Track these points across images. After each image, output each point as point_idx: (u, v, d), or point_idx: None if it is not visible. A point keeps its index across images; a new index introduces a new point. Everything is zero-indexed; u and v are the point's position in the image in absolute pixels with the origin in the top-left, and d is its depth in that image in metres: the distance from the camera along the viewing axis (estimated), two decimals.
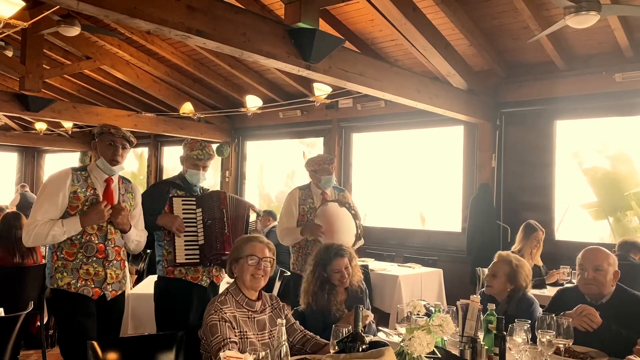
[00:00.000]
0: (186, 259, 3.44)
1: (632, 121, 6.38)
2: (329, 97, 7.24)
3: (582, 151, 8.10)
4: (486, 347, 2.50)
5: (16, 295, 4.47)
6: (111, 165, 3.14)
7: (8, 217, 4.91)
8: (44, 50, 7.43)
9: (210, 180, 8.58)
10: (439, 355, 2.23)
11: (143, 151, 12.80)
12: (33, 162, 15.03)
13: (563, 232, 6.76)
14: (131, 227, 3.22)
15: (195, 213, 3.50)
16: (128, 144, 3.21)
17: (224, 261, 3.10)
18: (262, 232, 7.60)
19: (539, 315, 2.78)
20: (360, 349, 2.08)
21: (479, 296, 2.70)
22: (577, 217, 7.78)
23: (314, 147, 10.02)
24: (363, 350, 2.08)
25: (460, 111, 6.15)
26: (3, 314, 3.37)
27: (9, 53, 7.02)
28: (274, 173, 12.10)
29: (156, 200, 3.51)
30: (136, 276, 6.39)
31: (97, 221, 3.06)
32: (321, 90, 6.86)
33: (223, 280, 3.64)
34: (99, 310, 3.10)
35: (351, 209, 4.19)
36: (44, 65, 7.73)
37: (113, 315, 3.21)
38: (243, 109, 8.08)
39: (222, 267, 3.52)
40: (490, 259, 3.44)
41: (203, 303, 3.00)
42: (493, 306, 2.62)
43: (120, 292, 3.22)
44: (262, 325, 2.62)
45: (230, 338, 2.40)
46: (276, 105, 8.49)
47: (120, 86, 9.77)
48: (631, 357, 2.42)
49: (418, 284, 5.79)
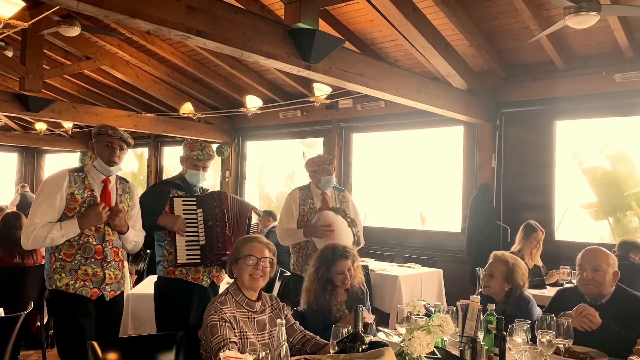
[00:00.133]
0: (187, 259, 3.43)
1: (632, 121, 6.39)
2: (329, 98, 7.24)
3: (582, 151, 8.10)
4: (486, 347, 2.50)
5: (16, 295, 4.47)
6: (108, 166, 3.12)
7: (8, 217, 4.91)
8: (44, 50, 7.43)
9: (210, 180, 8.58)
10: (439, 355, 2.23)
11: (143, 151, 12.80)
12: (33, 163, 15.03)
13: (563, 232, 6.76)
14: (129, 228, 3.20)
15: (196, 213, 3.50)
16: (125, 145, 3.19)
17: (225, 262, 3.09)
18: (262, 233, 7.60)
19: (539, 315, 2.78)
20: (360, 349, 2.08)
21: (479, 296, 2.70)
22: (577, 217, 7.79)
23: (314, 148, 10.02)
24: (363, 350, 2.08)
25: (460, 111, 6.15)
26: (3, 314, 3.37)
27: (9, 53, 7.03)
28: (274, 173, 12.11)
29: (157, 200, 3.50)
30: (136, 276, 6.39)
31: (95, 223, 3.04)
32: (321, 90, 6.86)
33: (223, 280, 3.64)
34: (98, 310, 3.09)
35: (347, 217, 4.16)
36: (44, 65, 7.73)
37: (112, 315, 3.21)
38: (243, 109, 8.09)
39: (223, 268, 3.51)
40: None
41: (203, 303, 3.00)
42: (493, 306, 2.63)
43: (119, 293, 3.21)
44: (262, 325, 2.61)
45: (230, 338, 2.40)
46: (276, 105, 8.49)
47: (120, 86, 9.77)
48: (633, 358, 2.42)
49: (418, 284, 5.79)
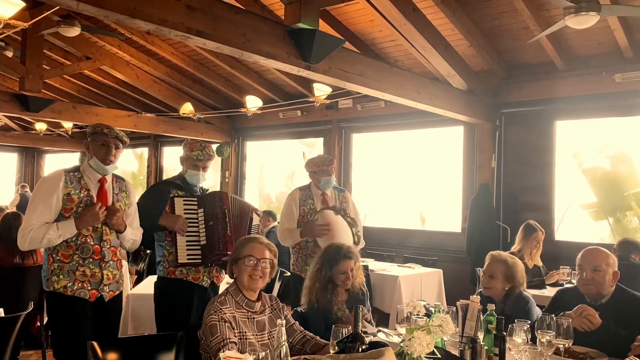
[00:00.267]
0: (188, 259, 3.43)
1: (632, 121, 6.39)
2: (329, 98, 7.24)
3: (582, 151, 8.10)
4: (486, 348, 2.50)
5: (16, 295, 4.47)
6: (105, 165, 3.10)
7: (8, 217, 4.91)
8: (44, 50, 7.43)
9: (210, 180, 8.57)
10: (439, 355, 2.23)
11: (143, 151, 12.80)
12: (33, 163, 15.03)
13: (563, 233, 6.76)
14: (126, 227, 3.18)
15: (196, 213, 3.50)
16: (121, 144, 3.16)
17: (225, 262, 3.09)
18: (262, 233, 7.60)
19: (539, 315, 2.78)
20: (360, 349, 2.08)
21: (479, 296, 2.70)
22: (577, 218, 7.79)
23: (314, 148, 10.03)
24: (363, 350, 2.08)
25: (460, 111, 6.15)
26: (3, 314, 3.37)
27: (9, 53, 7.03)
28: (274, 173, 12.11)
29: (157, 200, 3.50)
30: (136, 276, 6.38)
31: (92, 223, 3.02)
32: (321, 90, 6.86)
33: (223, 280, 3.63)
34: (97, 311, 3.07)
35: (347, 216, 4.16)
36: (44, 65, 7.73)
37: (111, 316, 3.19)
38: (243, 110, 8.08)
39: (223, 268, 3.51)
40: None
41: (204, 303, 3.00)
42: (493, 306, 2.63)
43: (118, 293, 3.20)
44: (262, 326, 2.61)
45: (229, 338, 2.40)
46: (276, 105, 8.49)
47: (120, 86, 9.77)
48: (631, 358, 2.42)
49: (418, 284, 5.79)
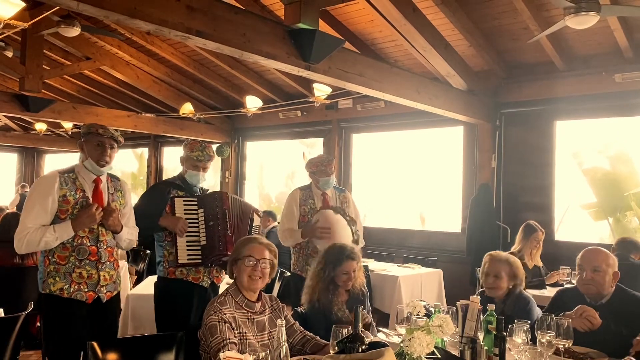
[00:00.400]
0: (188, 260, 3.43)
1: (632, 121, 6.39)
2: (329, 98, 7.24)
3: (582, 151, 8.10)
4: (486, 348, 2.50)
5: (16, 295, 4.46)
6: (100, 166, 3.07)
7: (8, 217, 4.91)
8: (44, 50, 7.43)
9: (210, 180, 8.57)
10: (439, 355, 2.23)
11: (143, 152, 12.81)
12: (33, 163, 15.03)
13: (563, 233, 6.76)
14: (122, 227, 3.16)
15: (197, 213, 3.50)
16: (116, 144, 3.13)
17: (226, 262, 3.09)
18: (262, 233, 7.60)
19: (539, 315, 2.78)
20: (360, 350, 2.08)
21: (479, 297, 2.70)
22: (577, 218, 7.79)
23: (314, 148, 10.03)
24: (363, 350, 2.08)
25: (460, 112, 6.15)
26: (3, 315, 3.36)
27: (9, 54, 7.03)
28: (274, 173, 12.11)
29: (157, 200, 3.50)
30: (136, 277, 6.39)
31: (89, 225, 3.00)
32: (321, 90, 6.86)
33: (223, 280, 3.63)
34: (94, 312, 3.04)
35: (346, 215, 4.16)
36: (44, 65, 7.73)
37: (109, 316, 3.16)
38: (243, 110, 8.08)
39: (223, 269, 3.51)
40: None
41: (204, 303, 2.99)
42: (493, 307, 2.63)
43: (115, 293, 3.18)
44: (262, 326, 2.61)
45: (229, 339, 2.39)
46: (276, 105, 8.49)
47: (120, 87, 9.77)
48: (630, 358, 2.42)
49: (418, 285, 5.79)
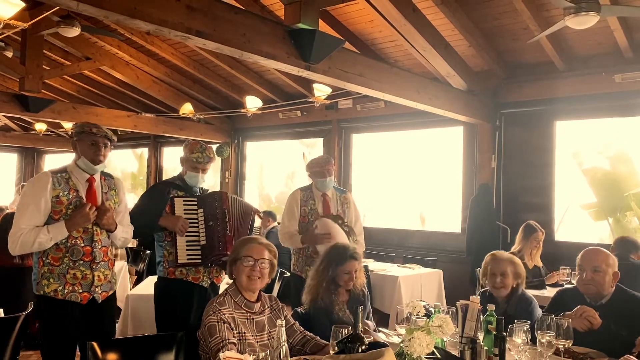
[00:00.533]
0: (188, 259, 3.43)
1: (632, 122, 6.39)
2: (329, 98, 7.24)
3: (582, 152, 8.10)
4: (486, 348, 2.50)
5: (16, 295, 4.46)
6: (94, 165, 3.05)
7: (8, 218, 4.89)
8: (44, 50, 7.43)
9: (210, 180, 8.59)
10: (439, 355, 2.23)
11: (143, 152, 12.80)
12: (33, 163, 15.02)
13: (563, 233, 6.75)
14: (117, 226, 3.13)
15: (196, 213, 3.50)
16: (109, 142, 3.11)
17: (225, 262, 3.09)
18: (262, 233, 7.61)
19: (539, 315, 2.78)
20: (359, 350, 2.08)
21: (479, 297, 2.70)
22: (577, 218, 7.78)
23: (314, 148, 10.03)
24: (363, 351, 2.08)
25: (459, 112, 6.15)
26: (3, 315, 3.36)
27: (9, 54, 7.03)
28: (274, 174, 12.10)
29: (157, 200, 3.50)
30: (136, 277, 6.39)
31: (83, 225, 2.97)
32: (321, 91, 6.86)
33: (223, 280, 3.63)
34: (90, 313, 3.03)
35: (344, 225, 4.22)
36: (44, 66, 7.73)
37: (105, 316, 3.14)
38: (243, 110, 8.08)
39: (223, 269, 3.51)
40: None
41: (204, 303, 2.98)
42: (493, 307, 2.63)
43: (111, 293, 3.16)
44: (261, 326, 2.61)
45: (229, 339, 2.39)
46: (276, 106, 8.49)
47: (120, 87, 9.77)
48: (632, 357, 2.42)
49: (418, 285, 5.79)
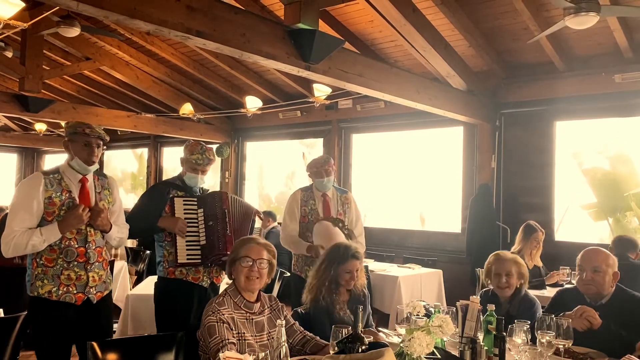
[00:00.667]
0: (187, 259, 3.43)
1: (632, 122, 6.38)
2: (329, 98, 7.24)
3: (582, 152, 8.09)
4: (486, 348, 2.50)
5: (16, 296, 4.45)
6: (87, 165, 3.03)
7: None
8: (44, 51, 7.43)
9: (210, 181, 8.58)
10: (439, 355, 2.23)
11: (143, 152, 12.79)
12: (33, 163, 15.02)
13: (563, 233, 6.75)
14: (112, 226, 3.12)
15: (196, 213, 3.50)
16: (102, 143, 3.09)
17: (225, 262, 3.08)
18: (262, 234, 7.61)
19: (539, 316, 2.78)
20: (359, 350, 2.08)
21: (479, 297, 2.70)
22: (577, 218, 7.77)
23: (314, 148, 10.01)
24: (363, 351, 2.08)
25: (459, 112, 6.15)
26: (3, 315, 3.36)
27: (9, 54, 7.03)
28: (274, 174, 12.09)
29: (157, 201, 3.50)
30: (136, 277, 6.39)
31: (76, 226, 2.95)
32: (321, 91, 6.86)
33: (223, 280, 3.63)
34: (86, 314, 3.02)
35: (344, 229, 4.27)
36: (44, 66, 7.73)
37: (102, 317, 3.12)
38: (243, 110, 8.08)
39: (223, 269, 3.50)
40: None
41: (203, 304, 2.98)
42: (493, 307, 2.63)
43: (106, 293, 3.15)
44: (261, 326, 2.61)
45: (228, 339, 2.39)
46: (276, 106, 8.49)
47: (120, 87, 9.77)
48: (632, 357, 2.42)
49: (418, 285, 5.79)
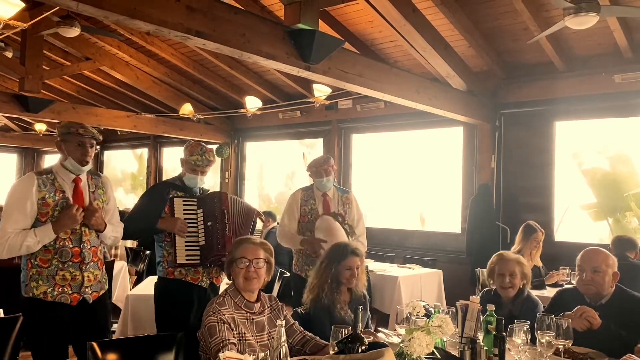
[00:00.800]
0: (187, 260, 3.43)
1: (632, 122, 6.38)
2: (329, 98, 7.24)
3: (582, 152, 8.09)
4: (486, 348, 2.50)
5: (16, 296, 4.44)
6: (81, 165, 3.03)
7: None
8: (44, 51, 7.42)
9: (210, 181, 8.58)
10: (439, 356, 2.23)
11: (143, 152, 12.79)
12: (33, 163, 15.01)
13: (562, 233, 6.74)
14: (106, 226, 3.11)
15: (196, 214, 3.50)
16: (95, 142, 3.09)
17: (224, 263, 3.09)
18: (262, 234, 7.61)
19: (539, 316, 2.78)
20: (359, 350, 2.08)
21: (478, 297, 2.70)
22: (577, 218, 7.77)
23: (314, 148, 10.01)
24: (362, 351, 2.08)
25: (459, 112, 6.15)
26: (2, 315, 3.36)
27: (9, 54, 7.03)
28: (274, 174, 12.09)
29: (157, 201, 3.50)
30: (136, 277, 6.39)
31: (70, 226, 2.95)
32: (321, 91, 6.86)
33: (223, 281, 3.64)
34: (82, 314, 3.01)
35: (345, 224, 4.29)
36: (44, 66, 7.73)
37: (98, 316, 3.12)
38: (243, 110, 8.09)
39: (222, 269, 3.50)
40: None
41: (203, 304, 2.98)
42: (492, 307, 2.63)
43: (102, 292, 3.14)
44: (261, 326, 2.61)
45: (229, 339, 2.39)
46: (276, 106, 8.49)
47: (119, 87, 9.77)
48: (633, 356, 2.42)
49: (418, 285, 5.79)
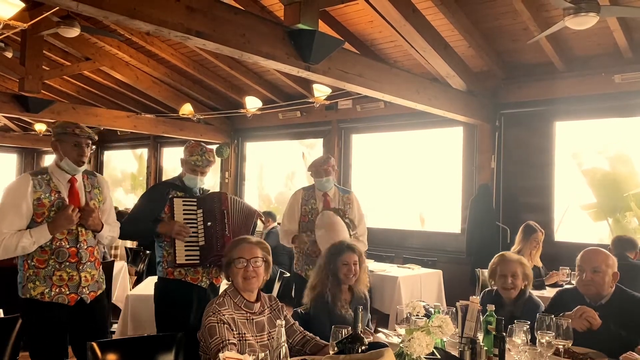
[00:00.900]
0: (186, 260, 3.43)
1: (632, 122, 6.38)
2: (329, 98, 7.24)
3: (582, 152, 8.09)
4: (485, 348, 2.50)
5: (16, 296, 4.44)
6: (77, 166, 3.02)
7: None
8: (44, 51, 7.42)
9: (209, 181, 8.58)
10: (439, 356, 2.23)
11: (142, 152, 12.79)
12: (32, 164, 15.01)
13: (562, 233, 6.75)
14: (103, 226, 3.10)
15: (196, 214, 3.50)
16: (91, 142, 3.07)
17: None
18: (262, 234, 7.61)
19: (539, 316, 2.78)
20: (359, 350, 2.08)
21: (478, 297, 2.70)
22: (577, 218, 7.77)
23: (314, 149, 10.02)
24: (362, 351, 2.08)
25: (459, 112, 6.15)
26: (2, 315, 3.36)
27: (9, 54, 7.03)
28: (274, 174, 12.09)
29: (156, 202, 3.50)
30: (135, 277, 6.39)
31: (66, 227, 2.93)
32: (320, 91, 6.86)
33: (223, 281, 3.63)
34: (80, 314, 3.00)
35: (345, 218, 4.31)
36: (44, 66, 7.73)
37: (96, 316, 3.11)
38: (242, 110, 8.09)
39: (222, 270, 3.51)
40: (490, 260, 3.42)
41: (203, 304, 2.98)
42: (492, 307, 2.63)
43: (100, 292, 3.14)
44: (261, 326, 2.61)
45: (229, 340, 2.39)
46: (276, 106, 8.49)
47: (119, 87, 9.77)
48: (634, 354, 2.42)
49: (417, 285, 5.79)
